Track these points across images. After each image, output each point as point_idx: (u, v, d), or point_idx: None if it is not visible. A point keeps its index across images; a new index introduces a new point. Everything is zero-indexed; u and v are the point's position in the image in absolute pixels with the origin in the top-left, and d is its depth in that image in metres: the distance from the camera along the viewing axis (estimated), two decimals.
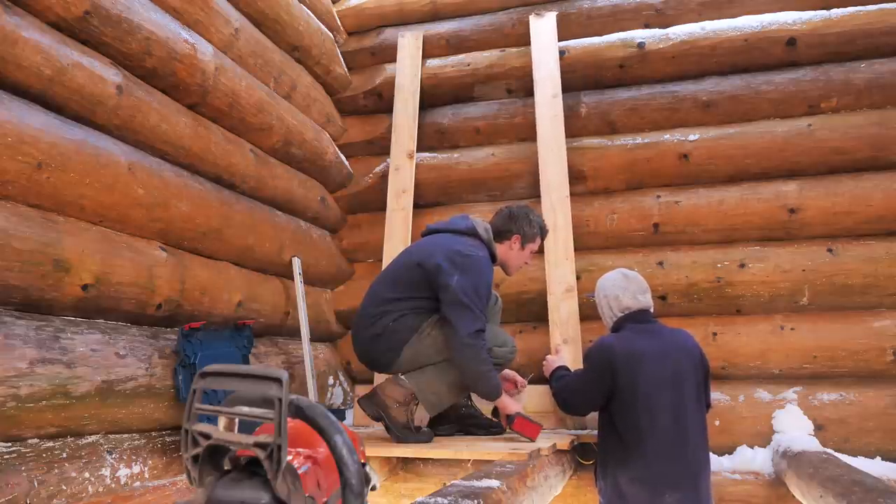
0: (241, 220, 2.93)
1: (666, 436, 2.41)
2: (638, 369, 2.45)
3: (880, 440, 2.99)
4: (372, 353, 2.71)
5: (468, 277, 2.58)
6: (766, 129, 3.38)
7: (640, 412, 2.42)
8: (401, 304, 2.66)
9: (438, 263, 2.60)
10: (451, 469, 2.58)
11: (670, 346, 2.53)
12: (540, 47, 3.72)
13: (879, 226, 3.19)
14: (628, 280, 2.68)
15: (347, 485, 0.82)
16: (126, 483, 2.21)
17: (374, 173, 3.94)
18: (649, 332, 2.58)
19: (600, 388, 2.52)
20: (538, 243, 2.95)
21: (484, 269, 2.66)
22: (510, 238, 2.87)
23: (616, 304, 2.66)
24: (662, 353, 2.49)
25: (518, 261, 2.92)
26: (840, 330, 3.13)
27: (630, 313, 2.63)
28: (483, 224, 2.86)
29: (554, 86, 3.64)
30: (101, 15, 2.17)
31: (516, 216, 2.89)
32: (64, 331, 2.03)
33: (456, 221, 2.88)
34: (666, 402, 2.43)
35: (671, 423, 2.42)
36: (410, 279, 2.68)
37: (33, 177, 1.95)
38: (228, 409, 0.76)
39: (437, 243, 2.74)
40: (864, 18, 3.32)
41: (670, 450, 2.40)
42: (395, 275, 2.76)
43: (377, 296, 2.73)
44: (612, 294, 2.67)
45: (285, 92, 3.39)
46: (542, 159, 3.57)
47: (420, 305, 2.66)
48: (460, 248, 2.67)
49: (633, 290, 2.65)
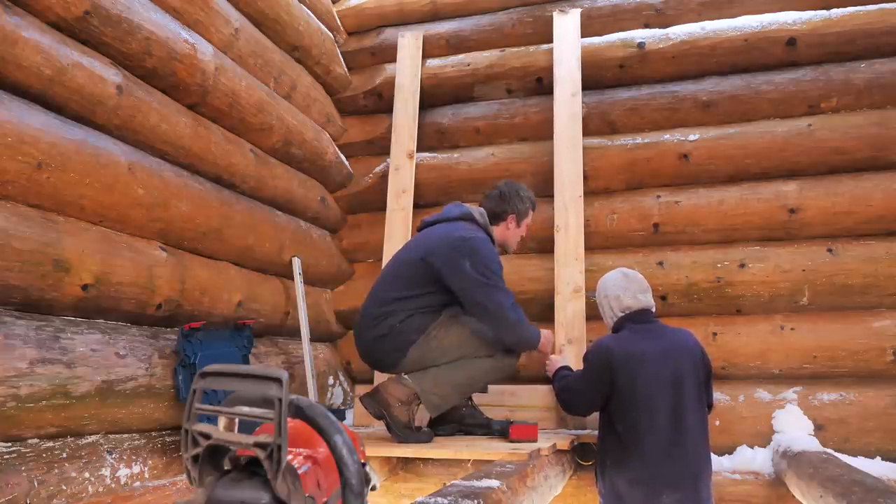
0: (241, 220, 2.93)
1: (665, 436, 2.40)
2: (637, 370, 2.45)
3: (880, 440, 2.99)
4: (376, 354, 2.71)
5: (478, 258, 2.61)
6: (766, 129, 3.38)
7: (640, 412, 2.42)
8: (406, 303, 2.65)
9: (444, 254, 2.62)
10: (451, 469, 2.58)
11: (670, 345, 2.53)
12: (563, 44, 3.69)
13: (879, 226, 3.19)
14: (629, 280, 2.67)
15: (347, 485, 0.82)
16: (126, 483, 2.21)
17: (374, 173, 3.95)
18: (649, 331, 2.57)
19: (599, 389, 2.52)
20: (531, 216, 3.01)
21: (487, 247, 2.70)
22: (506, 218, 2.91)
23: (617, 303, 2.65)
24: (662, 353, 2.49)
25: (516, 237, 2.97)
26: (840, 330, 3.13)
27: (630, 313, 2.63)
28: (477, 209, 2.88)
29: (574, 84, 3.62)
30: (101, 15, 2.17)
31: (507, 195, 2.92)
32: (64, 331, 2.03)
33: (449, 209, 2.88)
34: (665, 401, 2.43)
35: (670, 423, 2.41)
36: (414, 275, 2.68)
37: (33, 177, 1.95)
38: (228, 409, 0.76)
39: (435, 235, 2.73)
40: (864, 18, 3.32)
41: (669, 450, 2.39)
42: (397, 273, 2.75)
43: (380, 296, 2.72)
44: (613, 294, 2.67)
45: (285, 92, 3.40)
46: (557, 157, 3.55)
47: (427, 303, 2.66)
48: (460, 233, 2.69)
49: (633, 289, 2.64)
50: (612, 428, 2.50)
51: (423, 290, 2.65)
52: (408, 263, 2.73)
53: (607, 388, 2.49)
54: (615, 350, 2.50)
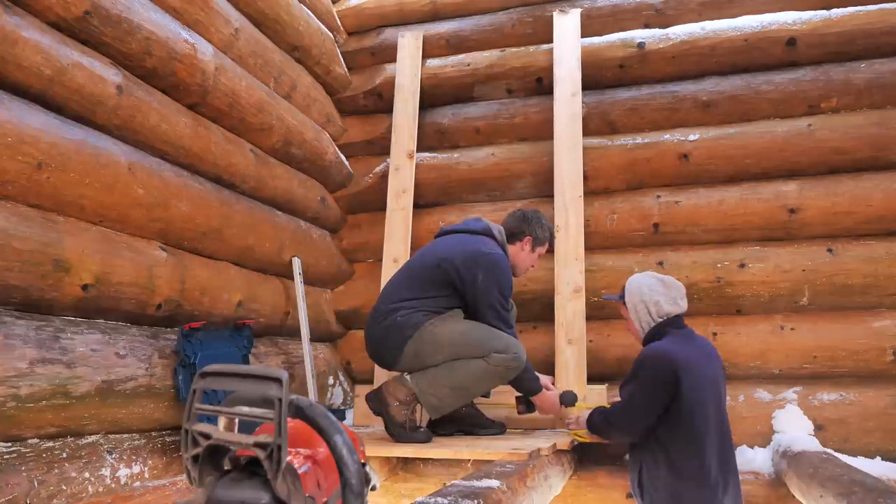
0: (241, 220, 2.93)
1: (716, 440, 2.41)
2: (695, 376, 2.43)
3: (880, 440, 2.99)
4: (380, 350, 2.74)
5: (493, 276, 2.68)
6: (766, 129, 3.38)
7: (698, 419, 2.39)
8: (413, 302, 2.69)
9: (462, 263, 2.68)
10: (451, 469, 2.58)
11: (707, 350, 2.54)
12: (563, 44, 3.70)
13: (879, 226, 3.19)
14: (666, 285, 2.62)
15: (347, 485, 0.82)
16: (126, 483, 2.21)
17: (374, 173, 3.95)
18: (688, 337, 2.56)
19: (663, 400, 2.43)
20: (546, 248, 3.05)
21: (505, 268, 2.76)
22: (522, 239, 2.96)
23: (656, 309, 2.59)
24: (706, 358, 2.49)
25: (526, 262, 3.01)
26: (840, 330, 3.13)
27: (669, 319, 2.59)
28: (496, 226, 2.93)
29: (574, 84, 3.62)
30: (101, 15, 2.17)
31: (529, 218, 2.98)
32: (64, 331, 2.03)
33: (470, 223, 2.94)
34: (714, 407, 2.44)
35: (718, 428, 2.43)
36: (428, 279, 2.72)
37: (33, 177, 1.95)
38: (228, 409, 0.76)
39: (455, 243, 2.80)
40: (864, 18, 3.32)
41: (721, 454, 2.41)
42: (411, 274, 2.80)
43: (391, 295, 2.77)
44: (652, 300, 2.60)
45: (285, 92, 3.40)
46: (557, 158, 3.55)
47: (433, 305, 2.68)
48: (481, 247, 2.75)
49: (673, 295, 2.60)
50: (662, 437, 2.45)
51: (433, 293, 2.70)
52: (424, 266, 2.77)
53: (671, 396, 2.42)
54: (677, 356, 2.44)
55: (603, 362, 3.35)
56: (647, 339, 2.62)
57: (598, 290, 3.38)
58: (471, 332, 2.67)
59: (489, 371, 2.65)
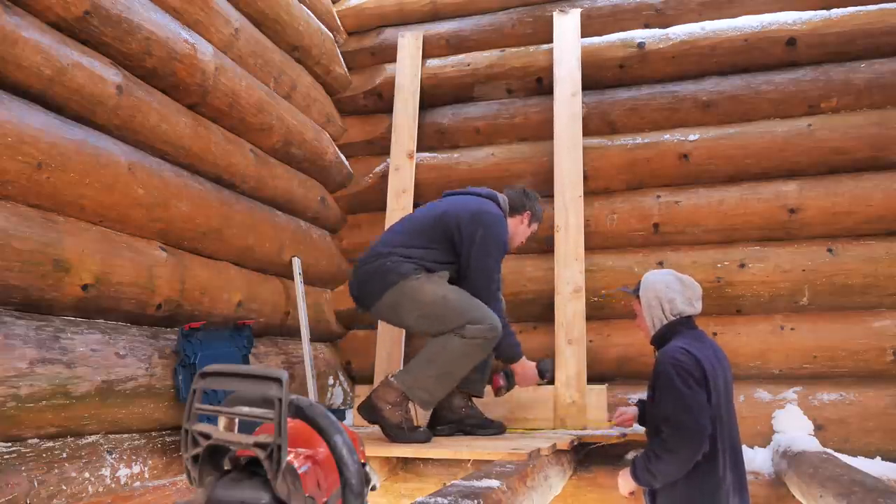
0: (241, 220, 2.93)
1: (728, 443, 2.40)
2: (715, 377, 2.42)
3: (880, 440, 2.99)
4: (363, 289, 2.78)
5: (492, 234, 2.73)
6: (766, 129, 3.38)
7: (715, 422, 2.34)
8: (407, 250, 2.72)
9: (464, 218, 2.73)
10: (451, 469, 2.58)
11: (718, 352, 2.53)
12: (562, 44, 3.70)
13: (879, 226, 3.19)
14: (684, 284, 2.58)
15: (347, 485, 0.82)
16: (126, 483, 2.21)
17: (374, 173, 3.95)
18: (701, 338, 2.53)
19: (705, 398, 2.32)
20: (537, 226, 3.12)
21: (504, 232, 2.83)
22: (522, 213, 3.02)
23: (670, 307, 2.54)
24: (718, 360, 2.48)
25: (521, 237, 3.07)
26: (840, 330, 3.13)
27: (683, 318, 2.55)
28: (501, 195, 2.99)
29: (574, 84, 3.63)
30: (101, 15, 2.17)
31: (530, 195, 3.07)
32: (64, 331, 2.03)
33: (475, 189, 3.00)
34: (727, 408, 2.42)
35: (731, 430, 2.41)
36: (428, 229, 2.78)
37: (33, 177, 1.95)
38: (228, 409, 0.76)
39: (459, 201, 2.87)
40: (864, 18, 3.32)
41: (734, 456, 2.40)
42: (412, 223, 2.86)
43: (387, 239, 2.83)
44: (667, 297, 2.55)
45: (285, 92, 3.40)
46: (557, 158, 3.55)
47: (428, 257, 2.72)
48: (486, 207, 2.82)
49: (688, 295, 2.56)
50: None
51: (429, 244, 2.74)
52: (425, 217, 2.85)
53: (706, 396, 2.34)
54: (700, 357, 2.39)
55: (603, 362, 3.34)
56: (657, 338, 2.55)
57: (597, 290, 3.38)
58: (452, 298, 2.66)
59: (468, 346, 2.60)
